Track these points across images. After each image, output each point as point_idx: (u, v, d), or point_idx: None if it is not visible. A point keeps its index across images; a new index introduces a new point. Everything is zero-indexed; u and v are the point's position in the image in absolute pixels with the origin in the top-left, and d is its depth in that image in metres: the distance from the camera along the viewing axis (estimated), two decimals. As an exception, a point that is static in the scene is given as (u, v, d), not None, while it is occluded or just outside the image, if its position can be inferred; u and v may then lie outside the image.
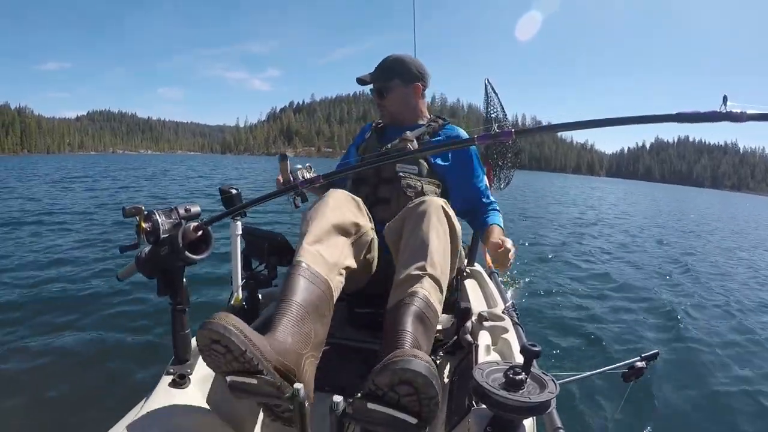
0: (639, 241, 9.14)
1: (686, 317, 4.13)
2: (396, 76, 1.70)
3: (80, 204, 9.82)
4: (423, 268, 1.11)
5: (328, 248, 1.10)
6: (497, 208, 1.70)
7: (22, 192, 12.15)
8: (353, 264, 1.17)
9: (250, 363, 0.80)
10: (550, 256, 6.40)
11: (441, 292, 1.13)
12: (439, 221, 1.20)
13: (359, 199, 1.29)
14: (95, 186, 14.80)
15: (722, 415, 2.50)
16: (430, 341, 1.05)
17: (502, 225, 1.63)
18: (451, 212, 1.26)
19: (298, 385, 0.81)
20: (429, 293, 1.07)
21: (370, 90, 1.77)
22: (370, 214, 1.31)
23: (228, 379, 0.83)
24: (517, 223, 9.95)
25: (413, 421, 0.80)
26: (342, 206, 1.21)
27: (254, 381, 0.81)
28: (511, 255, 1.35)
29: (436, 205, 1.23)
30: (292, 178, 1.38)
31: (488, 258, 1.92)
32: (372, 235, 1.29)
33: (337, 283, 1.09)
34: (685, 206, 26.03)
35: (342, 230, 1.17)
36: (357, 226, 1.22)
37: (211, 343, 0.81)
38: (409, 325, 0.99)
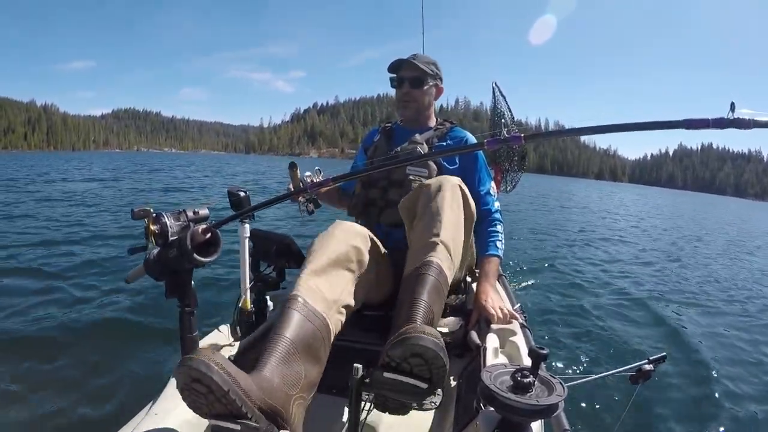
0: (647, 245, 9.08)
1: (694, 320, 4.12)
2: (435, 72, 1.72)
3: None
4: (437, 236, 1.16)
5: (328, 283, 1.06)
6: (499, 218, 1.66)
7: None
8: (353, 303, 1.12)
9: (233, 405, 0.74)
10: (558, 260, 6.36)
11: (452, 260, 1.17)
12: (453, 197, 1.24)
13: (368, 231, 1.26)
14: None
15: (729, 417, 2.47)
16: (442, 306, 1.12)
17: (500, 252, 1.59)
18: (467, 192, 1.29)
19: None
20: (441, 261, 1.12)
21: (394, 79, 1.73)
22: (380, 244, 1.30)
23: (210, 423, 0.78)
24: (524, 226, 9.89)
25: (424, 386, 0.89)
26: (348, 239, 1.17)
27: (237, 427, 0.75)
28: (497, 318, 1.37)
29: (452, 182, 1.26)
30: (302, 185, 1.39)
31: None
32: (384, 264, 1.29)
33: (336, 321, 1.04)
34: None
35: (346, 265, 1.13)
36: (362, 261, 1.17)
37: (191, 381, 0.75)
38: (425, 294, 1.05)
